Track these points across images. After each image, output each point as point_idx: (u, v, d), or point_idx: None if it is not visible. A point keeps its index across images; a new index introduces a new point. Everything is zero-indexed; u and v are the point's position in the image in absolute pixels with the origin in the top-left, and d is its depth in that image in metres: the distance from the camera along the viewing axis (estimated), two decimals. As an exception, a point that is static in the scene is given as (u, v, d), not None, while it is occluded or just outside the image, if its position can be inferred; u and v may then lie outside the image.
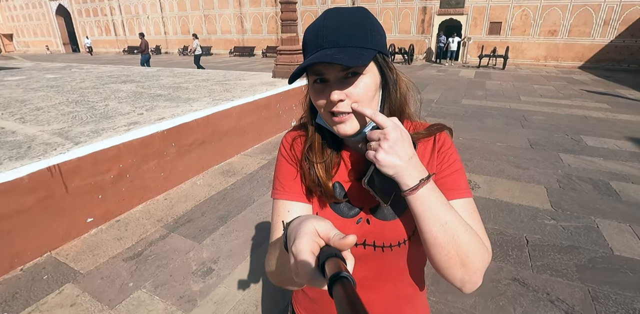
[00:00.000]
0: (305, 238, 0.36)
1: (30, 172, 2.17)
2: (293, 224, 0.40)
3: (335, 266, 0.31)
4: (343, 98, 0.54)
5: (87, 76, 6.42)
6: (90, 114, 3.47)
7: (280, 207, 0.64)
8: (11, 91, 4.99)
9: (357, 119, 0.57)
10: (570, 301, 1.92)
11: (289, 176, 0.66)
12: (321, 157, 0.64)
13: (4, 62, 12.38)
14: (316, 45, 0.54)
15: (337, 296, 0.27)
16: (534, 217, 2.81)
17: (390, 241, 0.63)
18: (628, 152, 4.33)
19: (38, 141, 2.67)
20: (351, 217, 0.64)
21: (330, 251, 0.34)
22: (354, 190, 0.64)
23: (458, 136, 4.95)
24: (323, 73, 0.55)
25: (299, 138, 0.68)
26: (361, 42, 0.53)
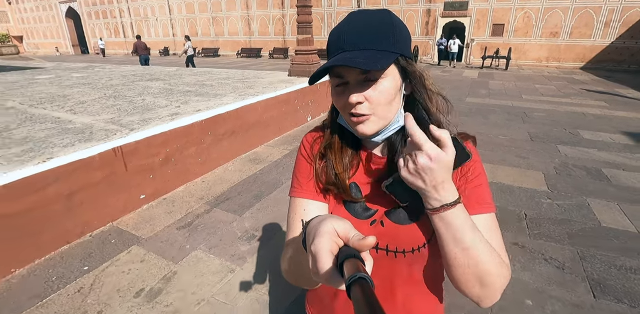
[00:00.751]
0: (324, 237, 0.36)
1: (100, 152, 2.55)
2: (312, 223, 0.40)
3: (353, 266, 0.31)
4: (361, 100, 0.54)
5: (113, 75, 6.83)
6: (132, 107, 3.85)
7: (297, 205, 0.64)
8: (47, 87, 5.39)
9: (377, 121, 0.57)
10: (562, 260, 2.28)
11: (307, 175, 0.66)
12: (340, 156, 0.64)
13: (24, 62, 12.84)
14: (338, 48, 0.54)
15: (355, 297, 0.27)
16: (532, 197, 3.16)
17: (404, 246, 0.61)
18: (621, 144, 4.67)
19: (96, 127, 3.05)
20: (365, 219, 0.63)
21: (349, 252, 0.34)
22: (371, 192, 0.64)
23: (463, 130, 5.29)
24: (343, 75, 0.55)
25: (319, 138, 0.69)
26: (382, 45, 0.53)
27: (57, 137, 2.78)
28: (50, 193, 2.27)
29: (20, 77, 6.73)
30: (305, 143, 0.69)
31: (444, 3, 15.90)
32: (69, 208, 2.40)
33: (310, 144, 0.68)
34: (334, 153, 0.64)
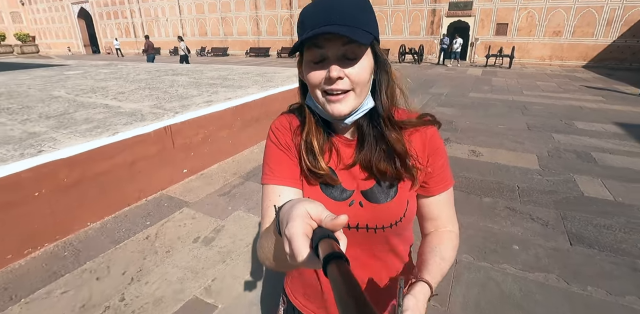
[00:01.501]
0: (297, 220, 0.36)
1: (155, 129, 3.01)
2: (285, 208, 0.40)
3: (328, 246, 0.31)
4: (342, 76, 0.54)
5: (138, 71, 7.32)
6: (168, 96, 4.32)
7: (270, 192, 0.64)
8: (84, 81, 5.89)
9: (354, 99, 0.57)
10: (546, 219, 2.70)
11: (278, 161, 0.66)
12: (318, 140, 0.64)
13: (46, 60, 13.40)
14: (320, 21, 0.53)
15: (332, 275, 0.27)
16: (525, 173, 3.58)
17: (383, 222, 0.65)
18: (611, 132, 5.06)
19: (144, 111, 3.52)
20: (343, 200, 0.65)
21: (323, 232, 0.34)
22: (346, 174, 0.66)
23: (465, 121, 5.71)
24: (324, 46, 0.55)
25: (288, 124, 0.69)
26: (362, 24, 0.54)
27: (115, 119, 3.25)
28: (119, 161, 2.74)
29: (53, 73, 7.25)
30: (275, 129, 0.69)
31: (449, 3, 16.27)
32: (131, 175, 2.87)
33: (279, 131, 0.68)
34: (314, 139, 0.64)
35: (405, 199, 0.66)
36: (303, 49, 0.57)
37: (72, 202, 2.49)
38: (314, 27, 0.53)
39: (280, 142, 0.67)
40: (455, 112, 6.37)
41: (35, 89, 5.07)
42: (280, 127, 0.69)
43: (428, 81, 10.47)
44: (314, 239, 0.34)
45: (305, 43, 0.55)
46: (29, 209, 2.26)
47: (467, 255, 2.28)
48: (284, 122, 0.69)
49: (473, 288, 1.99)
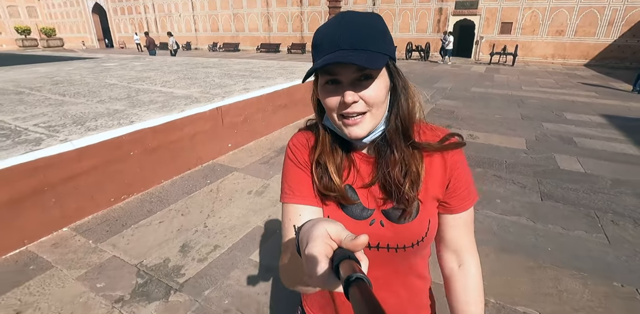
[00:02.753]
0: (317, 241, 0.36)
1: (209, 109, 3.72)
2: (305, 228, 0.40)
3: (349, 267, 0.31)
4: (356, 100, 0.55)
5: (168, 64, 8.04)
6: (210, 84, 5.03)
7: (291, 211, 0.64)
8: (127, 71, 6.61)
9: (370, 121, 0.58)
10: (525, 183, 3.37)
11: (298, 180, 0.66)
12: (332, 159, 0.64)
13: (74, 54, 14.14)
14: (332, 47, 0.54)
15: (354, 297, 0.27)
16: (513, 152, 4.25)
17: (404, 242, 0.65)
18: (596, 122, 5.69)
19: (195, 96, 4.22)
20: (364, 219, 0.65)
21: (344, 253, 0.34)
22: (366, 192, 0.66)
23: (466, 111, 6.37)
24: (337, 73, 0.55)
25: (306, 141, 0.69)
26: (376, 47, 0.54)
27: (174, 101, 3.96)
28: (184, 132, 3.45)
29: (92, 64, 7.98)
30: (293, 147, 0.69)
31: (455, 2, 16.80)
32: (192, 145, 3.58)
33: (297, 148, 0.68)
34: (327, 157, 0.64)
35: (427, 219, 0.65)
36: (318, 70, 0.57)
37: (153, 163, 3.21)
38: (328, 51, 0.54)
39: (299, 160, 0.67)
40: (457, 104, 7.02)
41: (89, 78, 5.80)
42: (298, 144, 0.69)
43: (433, 77, 11.09)
44: (334, 260, 0.34)
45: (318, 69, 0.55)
46: (126, 165, 2.98)
47: (460, 205, 2.97)
48: (302, 140, 0.69)
49: (462, 223, 2.68)
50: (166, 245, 2.41)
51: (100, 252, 2.34)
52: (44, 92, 4.59)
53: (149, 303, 1.91)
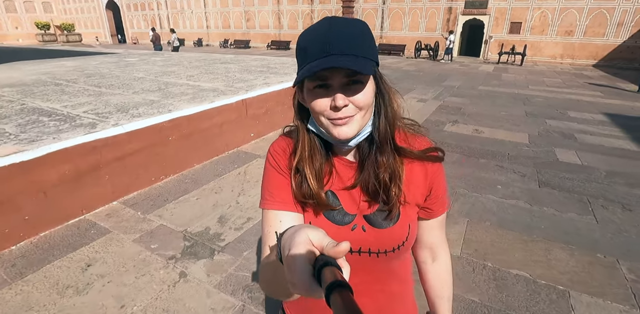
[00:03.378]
0: (299, 247, 0.36)
1: (236, 101, 4.06)
2: (286, 235, 0.40)
3: (331, 274, 0.31)
4: (347, 104, 0.56)
5: (188, 59, 8.40)
6: (232, 79, 5.37)
7: (271, 218, 0.64)
8: (151, 66, 6.99)
9: (358, 122, 0.59)
10: (525, 172, 3.67)
11: (278, 186, 0.66)
12: (312, 165, 0.64)
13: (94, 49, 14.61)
14: (322, 51, 0.54)
15: (335, 304, 0.27)
16: (515, 146, 4.53)
17: (386, 247, 0.66)
18: (597, 120, 5.94)
19: (221, 89, 4.57)
20: (345, 225, 0.65)
21: (326, 260, 0.34)
22: (347, 198, 0.66)
23: (473, 108, 6.65)
24: (327, 78, 0.56)
25: (287, 147, 0.69)
26: (364, 52, 0.55)
27: (203, 93, 4.32)
28: (214, 121, 3.80)
29: (115, 59, 8.38)
30: (274, 152, 0.69)
31: (465, 1, 16.94)
32: (220, 133, 3.93)
33: (278, 154, 0.68)
34: (305, 163, 0.64)
35: (407, 224, 0.67)
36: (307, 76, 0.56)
37: (187, 148, 3.56)
38: (316, 56, 0.54)
39: (280, 166, 0.67)
40: (464, 101, 7.29)
41: (116, 72, 6.18)
42: (279, 150, 0.69)
43: (442, 75, 11.33)
44: (316, 266, 0.34)
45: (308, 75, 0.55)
46: (165, 149, 3.34)
47: (464, 189, 3.28)
48: (283, 146, 0.69)
49: (466, 204, 3.00)
50: (205, 217, 2.77)
51: (149, 221, 2.70)
52: (80, 84, 4.97)
53: (198, 260, 2.26)
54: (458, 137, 4.87)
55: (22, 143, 2.54)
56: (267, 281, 0.52)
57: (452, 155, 4.16)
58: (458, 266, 2.23)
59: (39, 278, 2.09)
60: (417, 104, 6.96)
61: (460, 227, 2.67)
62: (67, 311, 1.85)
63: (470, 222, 2.74)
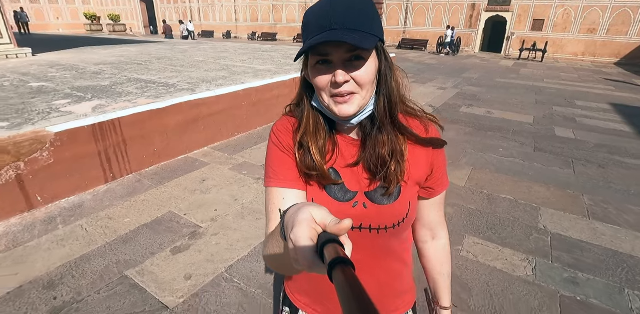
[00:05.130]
0: (303, 225, 0.36)
1: (289, 78, 5.02)
2: (290, 212, 0.41)
3: (334, 251, 0.32)
4: (348, 80, 0.57)
5: (231, 48, 9.42)
6: (277, 63, 6.33)
7: (274, 195, 0.65)
8: (204, 52, 8.03)
9: (360, 100, 0.60)
10: (524, 142, 4.49)
11: (281, 164, 0.67)
12: (315, 140, 0.65)
13: (142, 38, 15.88)
14: (322, 27, 0.55)
15: (337, 280, 0.28)
16: (520, 124, 5.32)
17: (386, 223, 0.68)
18: (601, 108, 6.61)
19: (274, 70, 5.53)
20: (347, 202, 0.67)
21: (328, 237, 0.35)
22: (349, 175, 0.67)
23: (488, 95, 7.40)
24: (328, 53, 0.56)
25: (290, 126, 0.70)
26: (367, 28, 0.56)
27: (260, 72, 5.28)
28: (273, 94, 4.77)
29: (168, 47, 9.49)
30: (277, 131, 0.70)
31: (490, -2, 17.35)
32: (277, 103, 4.90)
33: (281, 132, 0.69)
34: (309, 138, 0.65)
35: (407, 201, 0.69)
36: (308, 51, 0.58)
37: (254, 113, 4.54)
38: (318, 31, 0.56)
39: (283, 144, 0.68)
40: (481, 90, 8.04)
41: (179, 56, 7.24)
42: (282, 128, 0.70)
43: (463, 69, 11.99)
44: (318, 243, 0.35)
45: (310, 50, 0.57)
46: (239, 112, 4.33)
47: (472, 150, 4.14)
48: (286, 124, 0.70)
49: (472, 159, 3.87)
50: (274, 159, 3.74)
51: (235, 159, 3.70)
52: (156, 64, 6.04)
53: (277, 181, 3.24)
54: (471, 117, 5.68)
55: (150, 98, 3.56)
56: (271, 256, 0.53)
57: (465, 128, 5.00)
58: (462, 191, 3.12)
59: (173, 185, 3.11)
60: (438, 91, 7.76)
61: (466, 171, 3.55)
62: (200, 201, 2.85)
63: (474, 169, 3.62)
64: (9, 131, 2.56)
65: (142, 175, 3.29)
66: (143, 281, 1.98)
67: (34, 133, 2.58)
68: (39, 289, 1.92)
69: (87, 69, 5.47)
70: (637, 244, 2.43)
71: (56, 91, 3.89)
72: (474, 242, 2.41)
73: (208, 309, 1.81)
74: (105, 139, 2.98)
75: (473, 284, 2.03)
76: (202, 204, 2.81)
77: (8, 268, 2.08)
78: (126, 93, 3.80)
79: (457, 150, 4.12)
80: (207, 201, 2.85)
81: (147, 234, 2.42)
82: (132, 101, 3.46)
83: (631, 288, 2.02)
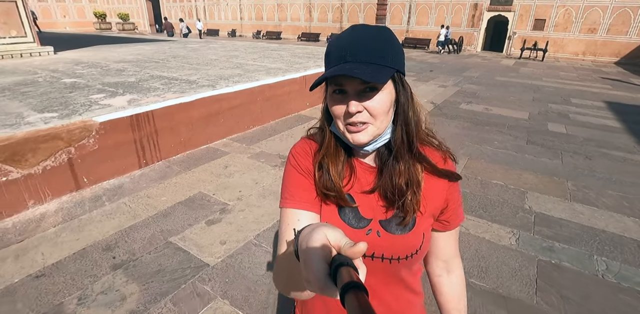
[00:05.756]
0: (316, 245, 0.36)
1: (299, 76, 5.37)
2: (304, 232, 0.41)
3: (347, 275, 0.31)
4: (360, 110, 0.59)
5: (239, 47, 9.77)
6: (287, 61, 6.68)
7: (289, 216, 0.65)
8: (215, 51, 8.39)
9: (373, 131, 0.61)
10: (518, 135, 4.83)
11: (298, 186, 0.68)
12: (335, 162, 0.67)
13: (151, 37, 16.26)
14: (339, 58, 0.58)
15: (350, 305, 0.27)
16: (516, 120, 5.66)
17: (399, 254, 0.67)
18: (595, 106, 6.93)
19: (284, 68, 5.88)
20: (361, 229, 0.67)
21: (342, 260, 0.34)
22: (364, 201, 0.68)
23: (487, 93, 7.74)
24: (343, 84, 0.59)
25: (309, 149, 0.71)
26: (382, 60, 0.58)
27: (272, 70, 5.64)
28: (284, 90, 5.13)
29: (179, 45, 9.85)
30: (295, 153, 0.72)
31: (492, -2, 17.61)
32: (288, 100, 5.26)
33: (300, 156, 0.71)
34: (329, 160, 0.67)
35: (422, 232, 0.69)
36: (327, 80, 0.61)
37: (267, 108, 4.91)
38: (335, 63, 0.59)
39: (301, 167, 0.69)
40: (480, 88, 8.37)
41: (192, 54, 7.61)
42: (301, 151, 0.71)
43: (464, 67, 12.30)
44: (332, 266, 0.34)
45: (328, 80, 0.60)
46: (253, 106, 4.69)
47: (469, 143, 4.49)
48: (305, 147, 0.72)
49: (469, 150, 4.22)
50: (288, 149, 4.11)
51: (253, 149, 4.06)
52: (173, 62, 6.41)
53: (292, 167, 3.61)
54: (470, 113, 6.02)
55: (176, 93, 3.93)
56: (281, 277, 0.53)
57: (464, 123, 5.34)
58: (458, 177, 3.48)
59: (199, 171, 3.48)
60: (438, 89, 8.10)
61: (463, 161, 3.90)
62: (225, 184, 3.22)
63: (470, 158, 3.97)
64: (60, 120, 2.94)
65: (171, 162, 3.66)
66: (185, 245, 2.35)
67: (83, 122, 2.95)
68: (99, 251, 2.29)
69: (110, 66, 5.84)
70: (610, 222, 2.78)
71: (89, 87, 4.26)
72: (466, 218, 2.77)
73: (242, 266, 2.19)
74: (140, 129, 3.36)
75: (464, 250, 2.39)
76: (227, 186, 3.18)
77: (69, 235, 2.46)
78: (153, 88, 4.17)
79: (455, 143, 4.47)
80: (232, 184, 3.22)
81: (183, 210, 2.79)
82: (160, 95, 3.83)
83: (599, 255, 2.38)
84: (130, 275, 2.08)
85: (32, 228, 2.52)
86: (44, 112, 3.18)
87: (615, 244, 2.50)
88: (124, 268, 2.14)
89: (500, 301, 1.97)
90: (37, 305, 1.86)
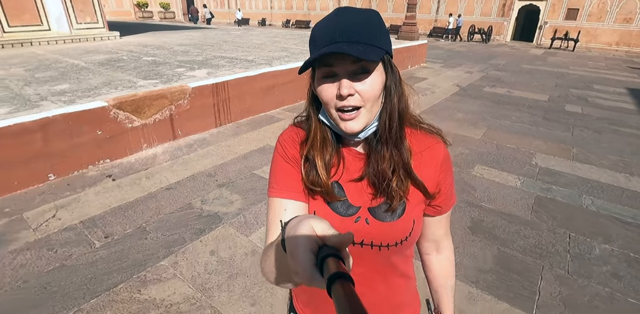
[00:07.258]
0: (303, 237, 0.37)
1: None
2: (291, 224, 0.41)
3: (333, 265, 0.31)
4: (352, 93, 0.57)
5: (277, 34, 10.52)
6: (326, 46, 7.38)
7: (276, 206, 0.65)
8: (256, 37, 9.18)
9: (365, 116, 0.60)
10: (535, 113, 5.38)
11: (285, 175, 0.67)
12: (322, 154, 0.65)
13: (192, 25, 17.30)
14: (329, 39, 0.56)
15: (336, 295, 0.28)
16: (536, 101, 6.17)
17: (388, 241, 0.67)
18: (616, 92, 7.28)
19: (324, 51, 6.60)
20: (349, 216, 0.66)
21: (329, 250, 0.34)
22: (353, 189, 0.67)
23: (511, 78, 8.18)
24: (333, 65, 0.57)
25: (296, 137, 0.70)
26: (372, 41, 0.56)
27: (314, 53, 6.37)
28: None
29: (222, 32, 10.72)
30: (283, 141, 0.71)
31: (524, -13, 17.47)
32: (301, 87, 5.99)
33: (287, 144, 0.70)
34: (316, 153, 0.65)
35: (411, 219, 0.68)
36: (315, 64, 0.59)
37: (282, 94, 5.66)
38: (324, 44, 0.56)
39: (288, 155, 0.68)
40: (505, 75, 8.79)
41: (238, 40, 8.43)
42: (289, 140, 0.70)
43: (491, 56, 12.58)
44: (318, 256, 0.35)
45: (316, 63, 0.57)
46: (300, 83, 5.45)
47: (489, 117, 5.10)
48: (292, 135, 0.71)
49: (488, 123, 4.84)
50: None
51: (302, 117, 4.84)
52: (225, 46, 7.25)
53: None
54: (493, 94, 6.56)
55: (242, 69, 4.75)
56: (270, 269, 0.52)
57: (486, 102, 5.92)
58: (477, 142, 4.13)
59: (263, 130, 4.30)
60: (465, 75, 8.59)
61: (482, 130, 4.54)
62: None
63: (489, 129, 4.61)
64: (164, 85, 3.81)
65: (239, 124, 4.50)
66: (266, 175, 3.16)
67: (181, 87, 3.81)
68: (205, 176, 3.15)
69: (174, 48, 6.75)
70: (603, 176, 3.40)
71: (168, 63, 5.15)
72: (481, 168, 3.46)
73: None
74: (218, 95, 4.19)
75: (478, 187, 3.09)
76: (288, 141, 3.99)
77: (179, 167, 3.33)
78: (221, 65, 5.01)
79: (477, 117, 5.09)
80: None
81: (257, 155, 3.62)
82: (230, 69, 4.65)
83: (588, 194, 3.02)
84: (232, 190, 2.93)
85: (150, 162, 3.41)
86: (147, 79, 4.07)
87: (604, 189, 3.13)
88: (226, 186, 2.99)
89: (502, 215, 2.68)
90: (174, 202, 2.73)
